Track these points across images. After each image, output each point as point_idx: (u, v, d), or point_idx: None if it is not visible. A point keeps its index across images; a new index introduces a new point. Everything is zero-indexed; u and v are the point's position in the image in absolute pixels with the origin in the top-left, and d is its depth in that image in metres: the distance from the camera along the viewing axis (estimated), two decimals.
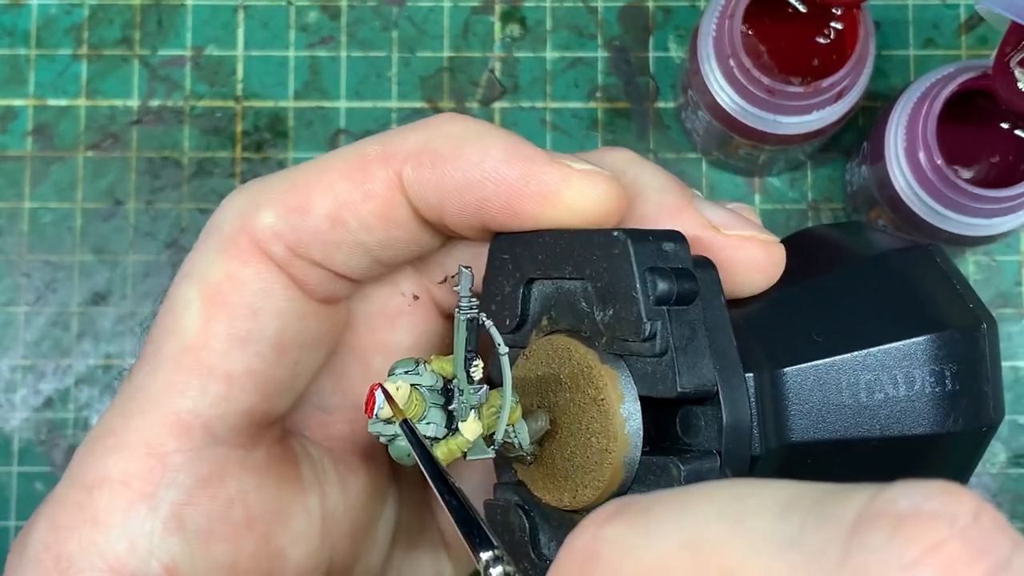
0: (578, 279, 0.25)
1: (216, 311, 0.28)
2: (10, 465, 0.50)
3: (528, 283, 0.27)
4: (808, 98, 0.44)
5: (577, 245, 0.25)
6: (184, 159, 0.52)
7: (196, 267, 0.28)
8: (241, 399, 0.28)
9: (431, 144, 0.27)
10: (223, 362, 0.27)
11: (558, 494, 0.26)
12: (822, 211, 0.51)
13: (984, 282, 0.51)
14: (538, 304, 0.27)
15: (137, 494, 0.27)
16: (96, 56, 0.52)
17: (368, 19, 0.53)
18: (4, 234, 0.51)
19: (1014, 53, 0.40)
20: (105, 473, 0.27)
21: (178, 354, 0.27)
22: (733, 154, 0.49)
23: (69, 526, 0.27)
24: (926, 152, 0.43)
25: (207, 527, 0.27)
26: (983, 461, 0.50)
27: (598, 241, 0.25)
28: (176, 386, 0.27)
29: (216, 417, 0.27)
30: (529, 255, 0.26)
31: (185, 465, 0.27)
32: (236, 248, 0.28)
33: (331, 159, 0.29)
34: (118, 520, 0.27)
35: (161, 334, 0.28)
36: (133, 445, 0.27)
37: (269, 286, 0.28)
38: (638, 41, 0.52)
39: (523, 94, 0.52)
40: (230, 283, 0.28)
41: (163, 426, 0.27)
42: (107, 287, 0.51)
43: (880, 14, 0.52)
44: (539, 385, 0.26)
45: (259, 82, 0.52)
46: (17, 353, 0.51)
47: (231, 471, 0.28)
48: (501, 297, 0.27)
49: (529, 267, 0.26)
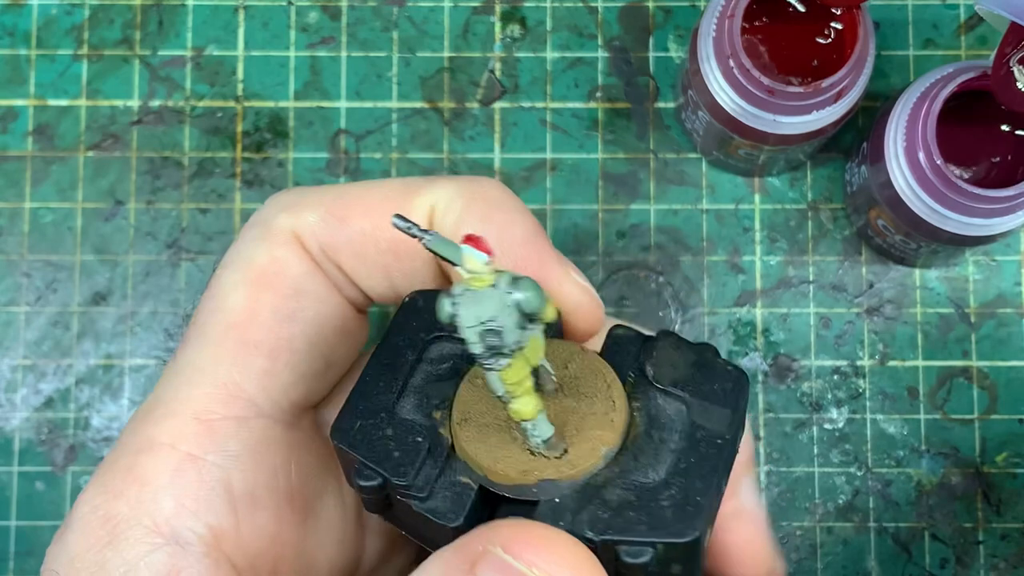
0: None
1: (262, 290, 0.29)
2: (10, 465, 0.50)
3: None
4: (808, 98, 0.44)
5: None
6: (184, 159, 0.52)
7: (239, 255, 0.29)
8: (284, 375, 0.28)
9: (472, 190, 0.29)
10: (268, 337, 0.28)
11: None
12: (822, 211, 0.52)
13: (984, 282, 0.51)
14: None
15: (185, 456, 0.27)
16: (97, 56, 0.52)
17: (368, 19, 0.53)
18: (5, 234, 0.52)
19: (1013, 53, 0.40)
20: (153, 438, 0.28)
21: (224, 330, 0.28)
22: (733, 154, 0.49)
23: (117, 489, 0.27)
24: (926, 152, 0.43)
25: (252, 494, 0.28)
26: (983, 460, 0.50)
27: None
28: (223, 359, 0.28)
29: (261, 390, 0.28)
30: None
31: (233, 432, 0.28)
32: (280, 236, 0.29)
33: (379, 183, 0.30)
34: (165, 480, 0.27)
35: (207, 315, 0.29)
36: (181, 413, 0.28)
37: (310, 271, 0.29)
38: (638, 41, 0.52)
39: (523, 94, 0.52)
40: (275, 265, 0.29)
41: (211, 396, 0.28)
42: (108, 287, 0.51)
43: (880, 14, 0.52)
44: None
45: (259, 82, 0.52)
46: (18, 353, 0.51)
47: (275, 443, 0.28)
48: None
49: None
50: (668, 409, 0.26)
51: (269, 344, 0.28)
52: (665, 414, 0.26)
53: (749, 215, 0.51)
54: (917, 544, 0.50)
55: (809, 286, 0.51)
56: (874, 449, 0.50)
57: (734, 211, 0.51)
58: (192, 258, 0.51)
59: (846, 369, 0.51)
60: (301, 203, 0.29)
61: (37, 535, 0.50)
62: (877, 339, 0.51)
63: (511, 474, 0.25)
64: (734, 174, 0.52)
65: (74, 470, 0.50)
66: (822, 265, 0.51)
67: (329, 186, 0.30)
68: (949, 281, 0.51)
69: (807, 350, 0.51)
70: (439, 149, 0.52)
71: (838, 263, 0.51)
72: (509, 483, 0.25)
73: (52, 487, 0.50)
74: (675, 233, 0.51)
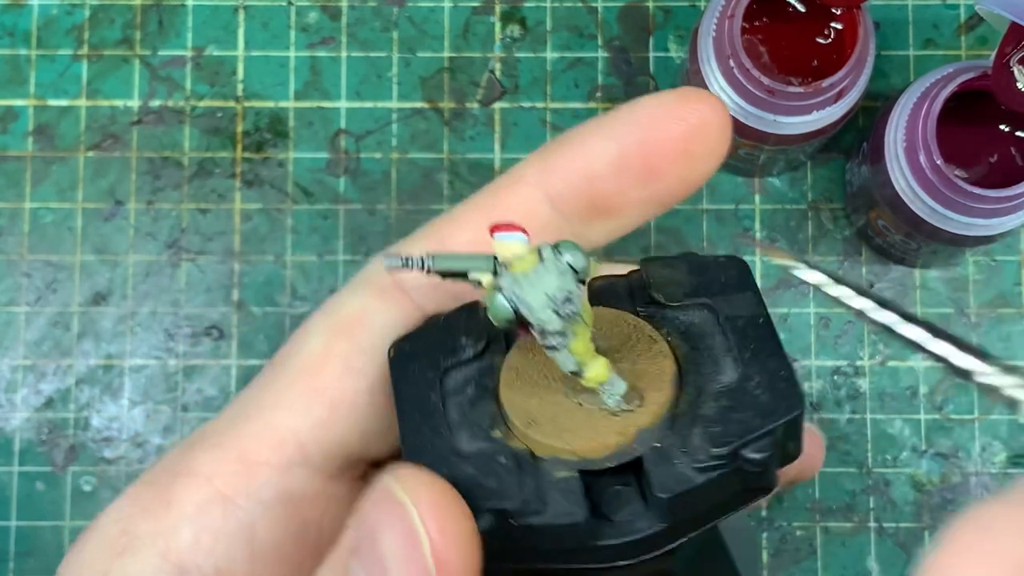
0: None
1: (339, 338, 0.28)
2: (11, 465, 0.50)
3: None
4: (808, 98, 0.44)
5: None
6: (185, 159, 0.52)
7: (335, 302, 0.29)
8: (340, 428, 0.28)
9: (551, 146, 0.29)
10: (333, 388, 0.28)
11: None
12: (822, 211, 0.52)
13: (984, 282, 0.51)
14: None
15: (216, 492, 0.27)
16: (97, 56, 0.52)
17: (368, 19, 0.53)
18: (5, 234, 0.51)
19: (1014, 53, 0.40)
20: (194, 466, 0.27)
21: (294, 373, 0.28)
22: (733, 154, 0.49)
23: (145, 505, 0.27)
24: (926, 152, 0.43)
25: (276, 545, 0.27)
26: (983, 460, 0.50)
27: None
28: (284, 402, 0.28)
29: (313, 440, 0.28)
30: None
31: (271, 479, 0.27)
32: (377, 285, 0.29)
33: (463, 203, 0.30)
34: (190, 511, 0.27)
35: (285, 356, 0.29)
36: (228, 448, 0.28)
37: (396, 323, 0.29)
38: (638, 41, 0.52)
39: (523, 94, 0.52)
40: (360, 315, 0.29)
41: (261, 437, 0.28)
42: (108, 287, 0.51)
43: (880, 14, 0.52)
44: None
45: (259, 82, 0.52)
46: (18, 353, 0.51)
47: (313, 495, 0.28)
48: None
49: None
50: (695, 320, 0.26)
51: (332, 394, 0.28)
52: (696, 326, 0.26)
53: (749, 215, 0.51)
54: (917, 544, 0.50)
55: (809, 286, 0.51)
56: (874, 449, 0.50)
57: (734, 211, 0.51)
58: (192, 258, 0.51)
59: (846, 369, 0.51)
60: (399, 248, 0.29)
61: (37, 535, 0.50)
62: (877, 339, 0.51)
63: (608, 442, 0.24)
64: (734, 174, 0.52)
65: (74, 470, 0.50)
66: (822, 265, 0.51)
67: (420, 229, 0.30)
68: (949, 281, 0.51)
69: (807, 350, 0.51)
70: (439, 149, 0.52)
71: (838, 263, 0.51)
72: (610, 451, 0.24)
73: (52, 487, 0.50)
74: (675, 233, 0.51)
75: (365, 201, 0.51)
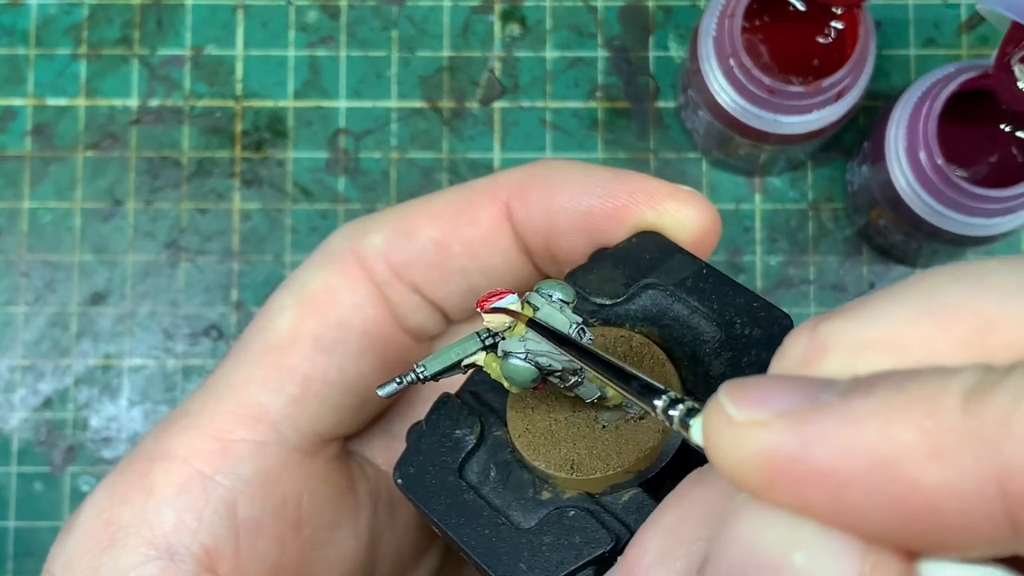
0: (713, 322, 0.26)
1: (307, 317, 0.29)
2: (9, 465, 0.50)
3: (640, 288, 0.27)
4: (808, 98, 0.44)
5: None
6: (184, 159, 0.52)
7: (297, 279, 0.30)
8: (313, 405, 0.28)
9: (537, 172, 0.29)
10: (304, 365, 0.28)
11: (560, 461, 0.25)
12: (822, 211, 0.51)
13: None
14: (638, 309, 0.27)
15: (195, 472, 0.27)
16: (95, 56, 0.52)
17: (368, 19, 0.53)
18: (3, 234, 0.51)
19: (1015, 52, 0.40)
20: (170, 449, 0.28)
21: (263, 351, 0.28)
22: (733, 154, 0.49)
23: (125, 494, 0.27)
24: (927, 152, 0.43)
25: (257, 520, 0.28)
26: None
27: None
28: (255, 380, 0.28)
29: (286, 417, 0.28)
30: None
31: (247, 455, 0.28)
32: (340, 264, 0.29)
33: (439, 194, 0.30)
34: (170, 493, 0.27)
35: (252, 333, 0.29)
36: (202, 428, 0.28)
37: (362, 303, 0.29)
38: (638, 41, 0.52)
39: (523, 94, 0.52)
40: (326, 294, 0.29)
41: (234, 415, 0.28)
42: (106, 287, 0.51)
43: (880, 14, 0.52)
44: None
45: (259, 82, 0.52)
46: (16, 353, 0.51)
47: (290, 471, 0.28)
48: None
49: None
50: (647, 303, 0.27)
51: (303, 371, 0.28)
52: (653, 306, 0.26)
53: (750, 215, 0.51)
54: None
55: (810, 286, 0.51)
56: None
57: (734, 211, 0.51)
58: (191, 258, 0.51)
59: None
60: (365, 227, 0.29)
61: (35, 535, 0.50)
62: None
63: (652, 444, 0.25)
64: (734, 174, 0.52)
65: (72, 470, 0.50)
66: (823, 265, 0.51)
67: (390, 208, 0.30)
68: None
69: None
70: (439, 149, 0.52)
71: (839, 263, 0.51)
72: (656, 452, 0.25)
73: (50, 487, 0.50)
74: None
75: (364, 201, 0.51)
